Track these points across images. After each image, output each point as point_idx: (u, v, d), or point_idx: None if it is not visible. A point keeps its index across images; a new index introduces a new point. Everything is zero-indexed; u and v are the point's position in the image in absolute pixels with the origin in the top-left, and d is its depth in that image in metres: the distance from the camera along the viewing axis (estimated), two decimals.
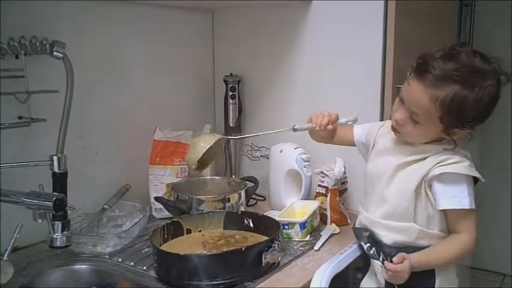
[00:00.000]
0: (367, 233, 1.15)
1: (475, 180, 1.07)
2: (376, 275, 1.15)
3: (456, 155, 1.05)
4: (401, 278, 1.03)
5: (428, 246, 1.08)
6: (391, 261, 1.05)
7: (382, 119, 1.44)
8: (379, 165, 1.15)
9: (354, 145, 1.27)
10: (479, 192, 1.09)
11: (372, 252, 1.13)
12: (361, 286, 1.20)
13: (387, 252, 1.10)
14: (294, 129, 1.21)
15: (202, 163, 1.24)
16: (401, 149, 1.11)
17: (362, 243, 1.15)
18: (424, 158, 1.07)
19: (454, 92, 0.97)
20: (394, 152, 1.12)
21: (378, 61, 1.45)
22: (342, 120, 1.20)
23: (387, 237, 1.11)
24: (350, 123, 1.22)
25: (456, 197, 1.04)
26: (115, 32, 1.47)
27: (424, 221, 1.08)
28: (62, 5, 1.29)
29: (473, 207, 1.04)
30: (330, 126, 1.17)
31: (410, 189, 1.06)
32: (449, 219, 1.08)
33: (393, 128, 1.11)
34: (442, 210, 1.06)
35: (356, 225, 1.21)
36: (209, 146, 1.22)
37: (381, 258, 1.09)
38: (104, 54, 1.44)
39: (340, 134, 1.28)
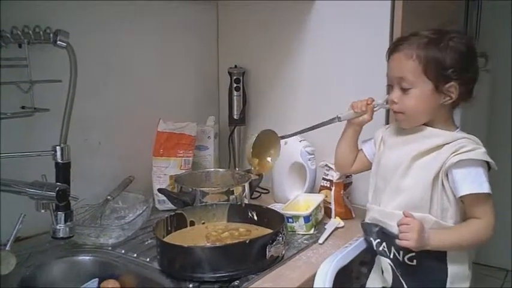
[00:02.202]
0: (377, 228, 1.15)
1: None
2: (382, 273, 1.14)
3: (470, 143, 1.07)
4: (410, 236, 1.03)
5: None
6: (403, 257, 1.06)
7: (387, 117, 1.43)
8: (393, 158, 1.15)
9: (371, 164, 1.26)
10: None
11: (381, 248, 1.12)
12: (367, 286, 1.19)
13: (398, 246, 1.08)
14: (339, 119, 1.28)
15: (260, 160, 1.30)
16: (415, 139, 1.13)
17: (371, 239, 1.15)
18: (440, 147, 1.08)
19: (425, 43, 1.08)
20: (408, 143, 1.14)
21: (384, 59, 1.43)
22: (379, 101, 1.23)
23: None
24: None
25: (475, 182, 1.05)
26: (119, 24, 1.46)
27: (439, 213, 1.08)
28: None
29: (491, 192, 1.05)
30: (370, 106, 1.23)
31: (428, 179, 1.07)
32: (467, 206, 1.08)
33: (396, 115, 1.14)
34: (459, 198, 1.06)
35: (365, 221, 1.20)
36: (256, 136, 1.26)
37: (391, 255, 1.08)
38: (108, 46, 1.43)
39: (355, 161, 1.31)
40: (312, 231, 1.30)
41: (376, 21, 1.44)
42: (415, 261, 1.09)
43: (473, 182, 1.05)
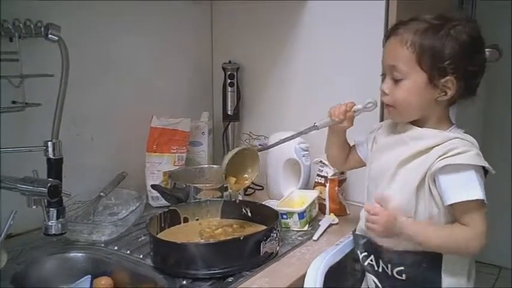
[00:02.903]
0: (364, 240, 1.09)
1: (486, 172, 0.99)
2: None
3: (462, 145, 0.96)
4: (375, 228, 0.98)
5: (431, 252, 0.98)
6: (392, 270, 1.01)
7: (382, 115, 1.42)
8: (381, 162, 1.07)
9: (364, 163, 1.19)
10: None
11: (367, 262, 1.08)
12: None
13: (387, 258, 1.04)
14: (316, 128, 1.19)
15: (237, 178, 1.22)
16: (404, 141, 1.03)
17: (358, 252, 1.11)
18: (428, 150, 0.98)
19: (423, 29, 0.97)
20: (397, 145, 1.04)
21: (378, 57, 1.43)
22: (358, 106, 1.14)
23: (386, 240, 1.03)
24: (370, 105, 1.13)
25: (464, 188, 0.94)
26: (113, 19, 1.44)
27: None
28: None
29: (484, 199, 0.94)
30: (349, 113, 1.13)
31: (412, 186, 0.98)
32: (456, 213, 0.97)
33: (387, 107, 1.05)
34: (450, 206, 0.96)
35: (356, 231, 1.14)
36: (232, 154, 1.18)
37: (380, 268, 1.04)
38: (101, 41, 1.42)
39: (348, 158, 1.23)
40: (306, 228, 1.29)
41: (370, 20, 1.43)
42: (404, 275, 1.01)
43: (461, 188, 0.94)
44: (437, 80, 0.97)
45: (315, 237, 1.24)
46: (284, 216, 1.28)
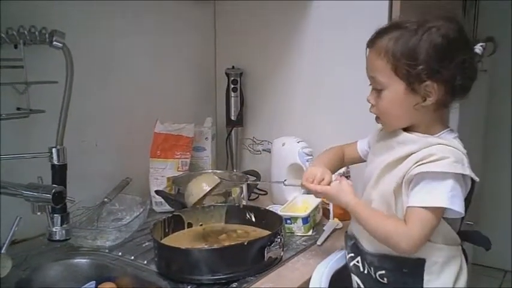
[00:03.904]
0: (352, 242, 1.08)
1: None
2: None
3: (440, 151, 0.93)
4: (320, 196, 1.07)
5: (412, 257, 0.96)
6: (375, 273, 1.01)
7: None
8: (371, 167, 1.06)
9: (364, 160, 1.17)
10: (481, 186, 1.01)
11: (352, 263, 1.07)
12: None
13: (369, 260, 1.02)
14: (284, 184, 1.20)
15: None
16: (390, 146, 1.01)
17: (346, 252, 1.11)
18: (407, 156, 0.96)
19: (395, 37, 0.95)
20: (384, 151, 1.03)
21: None
22: (335, 182, 1.08)
23: (369, 243, 1.02)
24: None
25: (425, 195, 0.92)
26: (116, 23, 1.45)
27: None
28: None
29: (445, 206, 0.91)
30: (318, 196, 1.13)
31: (389, 191, 0.96)
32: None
33: (376, 118, 1.04)
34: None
35: (348, 232, 1.13)
36: (209, 189, 1.23)
37: (365, 270, 1.04)
38: (105, 47, 1.42)
39: (348, 155, 1.22)
40: (310, 233, 1.29)
41: (374, 22, 1.43)
42: (385, 279, 1.00)
43: (422, 194, 0.92)
44: (417, 86, 0.94)
45: (319, 242, 1.24)
46: (288, 221, 1.27)
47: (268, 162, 1.59)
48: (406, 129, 1.01)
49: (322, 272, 1.06)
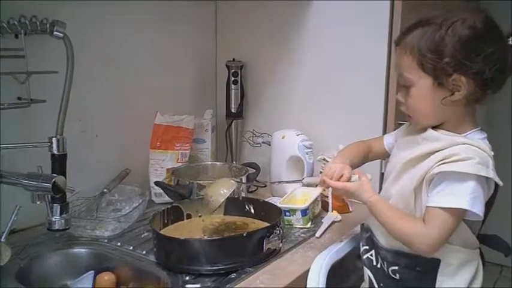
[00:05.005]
0: (368, 234, 1.09)
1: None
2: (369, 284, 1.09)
3: (465, 152, 0.91)
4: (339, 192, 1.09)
5: (427, 257, 0.96)
6: (387, 268, 1.01)
7: (386, 109, 1.43)
8: (393, 161, 1.06)
9: (387, 153, 1.17)
10: None
11: (365, 256, 1.08)
12: None
13: (383, 255, 1.03)
14: (302, 183, 1.23)
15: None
16: (414, 142, 1.01)
17: (360, 244, 1.11)
18: (430, 154, 0.95)
19: (420, 34, 0.95)
20: (408, 146, 1.03)
21: (383, 55, 1.43)
22: (354, 177, 1.09)
23: (383, 238, 1.03)
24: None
25: (446, 196, 0.91)
26: (118, 16, 1.44)
27: None
28: None
29: (465, 208, 0.89)
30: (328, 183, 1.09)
31: (410, 189, 0.96)
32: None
33: (407, 117, 1.04)
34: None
35: (364, 224, 1.13)
36: (228, 194, 1.22)
37: (378, 264, 1.04)
38: (106, 38, 1.42)
39: (374, 150, 1.20)
40: (309, 225, 1.29)
41: (375, 19, 1.43)
42: (398, 275, 1.00)
43: (444, 195, 0.91)
44: (444, 80, 0.93)
45: (317, 235, 1.24)
46: (287, 213, 1.28)
47: (268, 155, 1.60)
48: (435, 128, 1.00)
49: (320, 264, 1.07)
